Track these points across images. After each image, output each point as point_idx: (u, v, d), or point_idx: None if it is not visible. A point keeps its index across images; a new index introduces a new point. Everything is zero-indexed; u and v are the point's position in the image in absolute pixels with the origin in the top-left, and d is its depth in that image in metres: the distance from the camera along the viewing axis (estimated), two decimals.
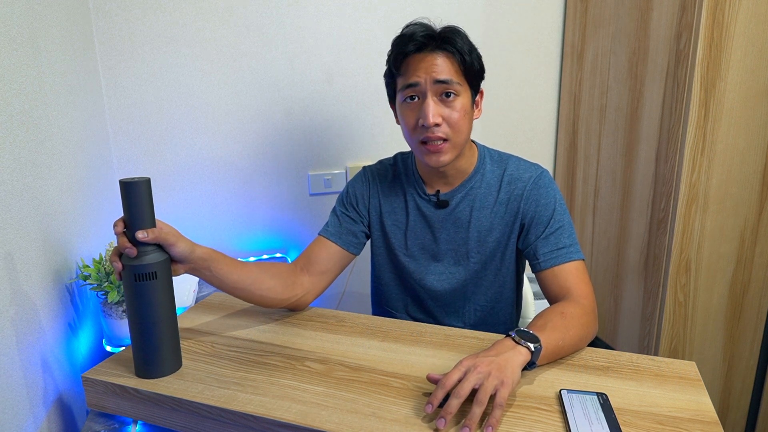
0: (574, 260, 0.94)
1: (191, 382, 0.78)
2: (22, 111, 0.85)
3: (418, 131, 0.94)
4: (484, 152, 1.06)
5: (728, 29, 1.23)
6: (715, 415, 0.69)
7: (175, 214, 1.58)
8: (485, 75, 1.00)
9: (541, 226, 0.98)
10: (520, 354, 0.73)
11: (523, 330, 0.78)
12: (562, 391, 0.73)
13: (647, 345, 1.48)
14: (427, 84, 0.92)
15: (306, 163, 1.67)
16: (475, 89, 0.98)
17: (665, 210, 1.38)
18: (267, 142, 1.61)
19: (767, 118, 1.30)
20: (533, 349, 0.75)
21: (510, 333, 0.77)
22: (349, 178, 1.52)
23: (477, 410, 0.66)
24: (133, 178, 0.74)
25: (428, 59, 0.92)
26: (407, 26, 0.96)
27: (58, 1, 1.11)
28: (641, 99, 1.44)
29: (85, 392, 0.81)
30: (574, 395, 0.72)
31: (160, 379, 0.79)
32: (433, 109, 0.91)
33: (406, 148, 1.08)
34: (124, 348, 0.97)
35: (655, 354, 1.44)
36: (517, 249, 1.04)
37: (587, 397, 0.72)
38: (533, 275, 1.00)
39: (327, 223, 1.10)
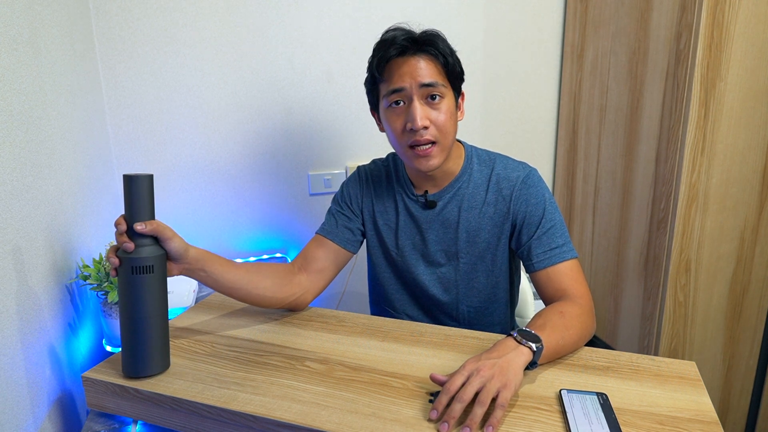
0: (568, 260, 0.95)
1: (191, 382, 0.78)
2: (22, 111, 0.85)
3: (406, 135, 0.94)
4: (471, 152, 1.06)
5: (728, 29, 1.23)
6: (715, 415, 0.69)
7: (174, 214, 1.58)
8: (485, 75, 1.00)
9: (533, 226, 0.98)
10: (522, 354, 0.73)
11: (525, 330, 0.78)
12: (562, 391, 0.73)
13: (647, 345, 1.48)
14: (412, 88, 0.92)
15: (306, 163, 1.67)
16: (458, 91, 0.99)
17: (665, 210, 1.38)
18: (267, 142, 1.61)
19: (767, 118, 1.30)
20: (535, 349, 0.75)
21: (512, 333, 0.77)
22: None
23: (479, 411, 0.66)
24: (136, 173, 0.75)
25: (411, 62, 0.92)
26: (387, 31, 0.96)
27: (58, 1, 1.11)
28: (641, 99, 1.44)
29: (85, 392, 0.81)
30: (574, 395, 0.72)
31: (161, 379, 0.79)
32: (421, 112, 0.91)
33: None
34: None
35: (655, 354, 1.44)
36: (509, 250, 1.04)
37: (587, 397, 0.72)
38: None
39: (323, 222, 1.10)
